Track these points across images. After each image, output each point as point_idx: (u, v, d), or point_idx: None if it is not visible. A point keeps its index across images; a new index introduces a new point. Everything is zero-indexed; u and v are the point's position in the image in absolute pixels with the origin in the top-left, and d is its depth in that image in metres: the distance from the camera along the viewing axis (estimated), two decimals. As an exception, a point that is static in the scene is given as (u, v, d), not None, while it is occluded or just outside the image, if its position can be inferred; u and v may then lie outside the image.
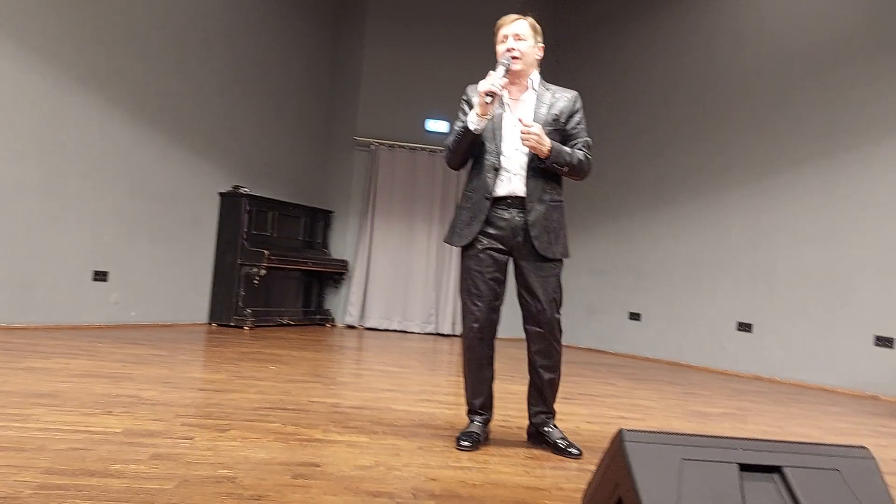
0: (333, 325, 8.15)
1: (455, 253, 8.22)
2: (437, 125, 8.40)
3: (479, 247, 2.84)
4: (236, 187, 7.02)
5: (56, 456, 2.21)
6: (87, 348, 4.62)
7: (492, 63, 2.82)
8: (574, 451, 2.80)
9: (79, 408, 2.90)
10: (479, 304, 2.85)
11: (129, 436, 2.52)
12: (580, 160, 2.80)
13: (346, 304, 8.22)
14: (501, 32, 2.84)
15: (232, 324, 6.80)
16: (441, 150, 8.18)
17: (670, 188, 7.54)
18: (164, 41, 6.34)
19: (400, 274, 8.25)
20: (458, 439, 2.82)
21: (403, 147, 8.31)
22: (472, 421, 2.94)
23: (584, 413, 3.87)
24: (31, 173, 5.30)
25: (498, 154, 2.82)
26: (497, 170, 2.81)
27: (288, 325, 7.48)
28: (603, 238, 8.08)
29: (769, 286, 6.62)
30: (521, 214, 2.80)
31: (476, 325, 2.86)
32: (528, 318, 2.86)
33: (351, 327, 8.12)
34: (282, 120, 7.90)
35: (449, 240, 2.94)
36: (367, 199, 8.30)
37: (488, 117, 2.78)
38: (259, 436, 2.70)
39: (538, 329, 2.84)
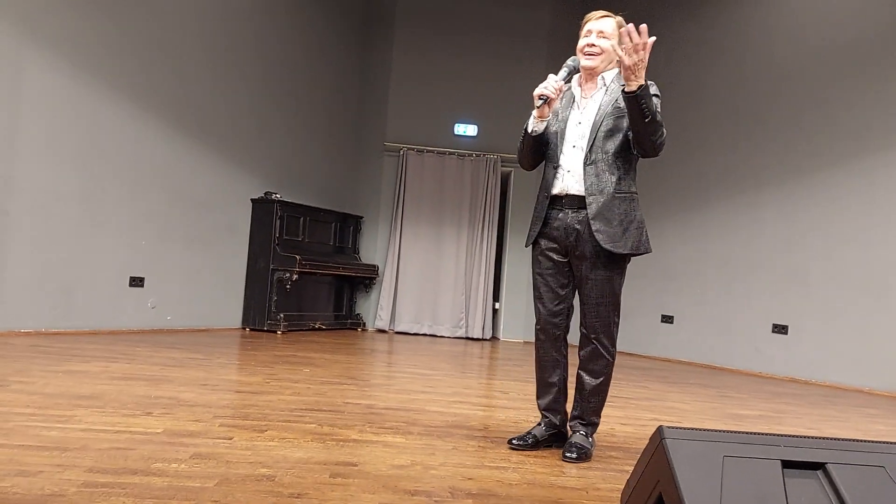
0: (364, 330, 8.20)
1: (484, 257, 8.24)
2: (465, 129, 8.42)
3: (539, 248, 2.85)
4: (268, 194, 7.10)
5: (99, 455, 2.26)
6: (125, 352, 4.70)
7: (520, 69, 2.80)
8: (571, 455, 2.70)
9: (119, 409, 2.95)
10: (539, 305, 2.87)
11: (169, 436, 2.57)
12: (661, 121, 2.55)
13: (376, 309, 8.27)
14: (586, 27, 2.77)
15: (265, 328, 6.88)
16: (468, 155, 8.21)
17: (703, 189, 7.47)
18: (198, 52, 6.45)
19: (429, 278, 8.28)
20: (512, 438, 2.85)
21: (432, 152, 8.34)
22: (538, 423, 2.94)
23: (618, 415, 3.84)
24: (71, 181, 5.43)
25: (558, 153, 2.78)
26: (556, 168, 2.78)
27: (320, 329, 7.54)
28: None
29: (805, 287, 6.52)
30: (576, 214, 2.72)
31: (538, 327, 2.89)
32: (581, 320, 2.84)
33: (381, 331, 8.16)
34: (312, 127, 7.97)
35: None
36: (397, 203, 8.34)
37: (546, 118, 2.76)
38: (296, 436, 2.73)
39: (585, 332, 2.81)
